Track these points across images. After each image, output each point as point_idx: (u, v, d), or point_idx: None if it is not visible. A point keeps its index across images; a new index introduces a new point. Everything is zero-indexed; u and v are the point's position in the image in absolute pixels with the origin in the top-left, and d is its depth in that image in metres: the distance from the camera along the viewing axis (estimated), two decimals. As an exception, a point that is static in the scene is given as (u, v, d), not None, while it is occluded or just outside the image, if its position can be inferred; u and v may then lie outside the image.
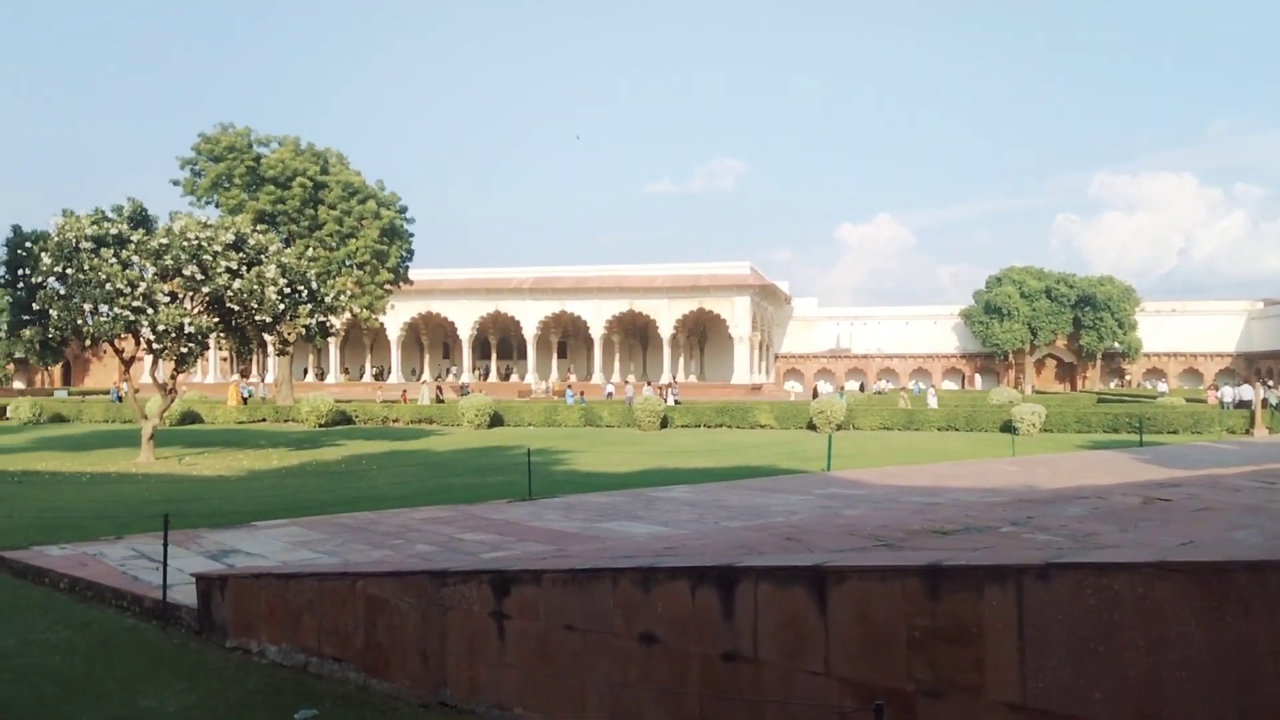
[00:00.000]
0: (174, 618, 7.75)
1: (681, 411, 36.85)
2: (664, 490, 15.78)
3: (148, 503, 14.59)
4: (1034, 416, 31.61)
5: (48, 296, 21.27)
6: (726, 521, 11.66)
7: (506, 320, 69.21)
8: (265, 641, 6.79)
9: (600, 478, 18.40)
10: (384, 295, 46.96)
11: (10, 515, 13.07)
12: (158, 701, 5.88)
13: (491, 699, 5.24)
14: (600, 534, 11.06)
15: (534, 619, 5.04)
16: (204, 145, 43.88)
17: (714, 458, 23.01)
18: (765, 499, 14.26)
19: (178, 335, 21.35)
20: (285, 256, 23.67)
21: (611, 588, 4.67)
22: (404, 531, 11.44)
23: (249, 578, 7.08)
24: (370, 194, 45.88)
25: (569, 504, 14.10)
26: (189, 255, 21.31)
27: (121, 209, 22.69)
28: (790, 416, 35.31)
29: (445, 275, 68.90)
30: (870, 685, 3.69)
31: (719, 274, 65.87)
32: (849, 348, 77.31)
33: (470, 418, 35.78)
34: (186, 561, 9.19)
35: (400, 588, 5.84)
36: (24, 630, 7.62)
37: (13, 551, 10.39)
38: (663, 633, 4.44)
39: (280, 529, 11.73)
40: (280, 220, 43.23)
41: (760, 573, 4.12)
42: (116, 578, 8.99)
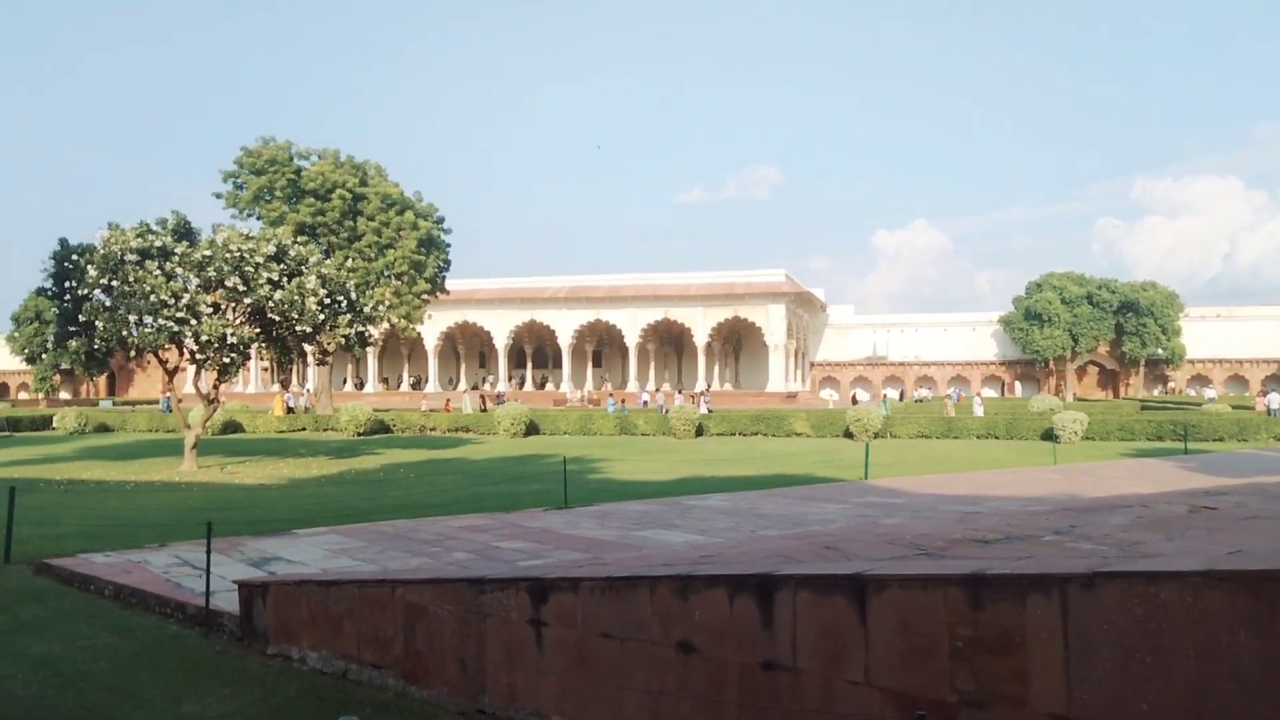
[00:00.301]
0: (216, 624, 7.85)
1: (716, 420, 36.75)
2: (700, 499, 15.75)
3: (191, 511, 14.81)
4: (1076, 424, 31.14)
5: (93, 308, 21.69)
6: (763, 530, 11.60)
7: (542, 329, 69.50)
8: (306, 648, 6.86)
9: (636, 486, 18.40)
10: (421, 305, 47.36)
11: (57, 523, 13.34)
12: (200, 707, 5.95)
13: (530, 706, 5.24)
14: (636, 542, 11.06)
15: (572, 627, 5.04)
16: (246, 158, 44.59)
17: (750, 466, 22.92)
18: (802, 507, 14.18)
19: (220, 346, 21.68)
20: (325, 268, 23.96)
21: (649, 596, 4.66)
22: (442, 539, 11.52)
23: (290, 585, 7.15)
24: (408, 205, 46.33)
25: (605, 512, 14.12)
26: (231, 267, 21.65)
27: (165, 222, 23.11)
28: (826, 424, 35.09)
29: (481, 285, 69.38)
30: (912, 695, 3.65)
31: (754, 281, 65.69)
32: (885, 355, 76.70)
33: (506, 426, 35.96)
34: (228, 569, 9.32)
35: (439, 595, 5.87)
36: (70, 636, 7.75)
37: (59, 559, 10.58)
38: (701, 641, 4.42)
39: (320, 536, 11.86)
40: (320, 232, 43.78)
41: (799, 581, 4.09)
42: (160, 585, 9.13)
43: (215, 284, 21.81)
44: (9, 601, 8.96)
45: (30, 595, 9.26)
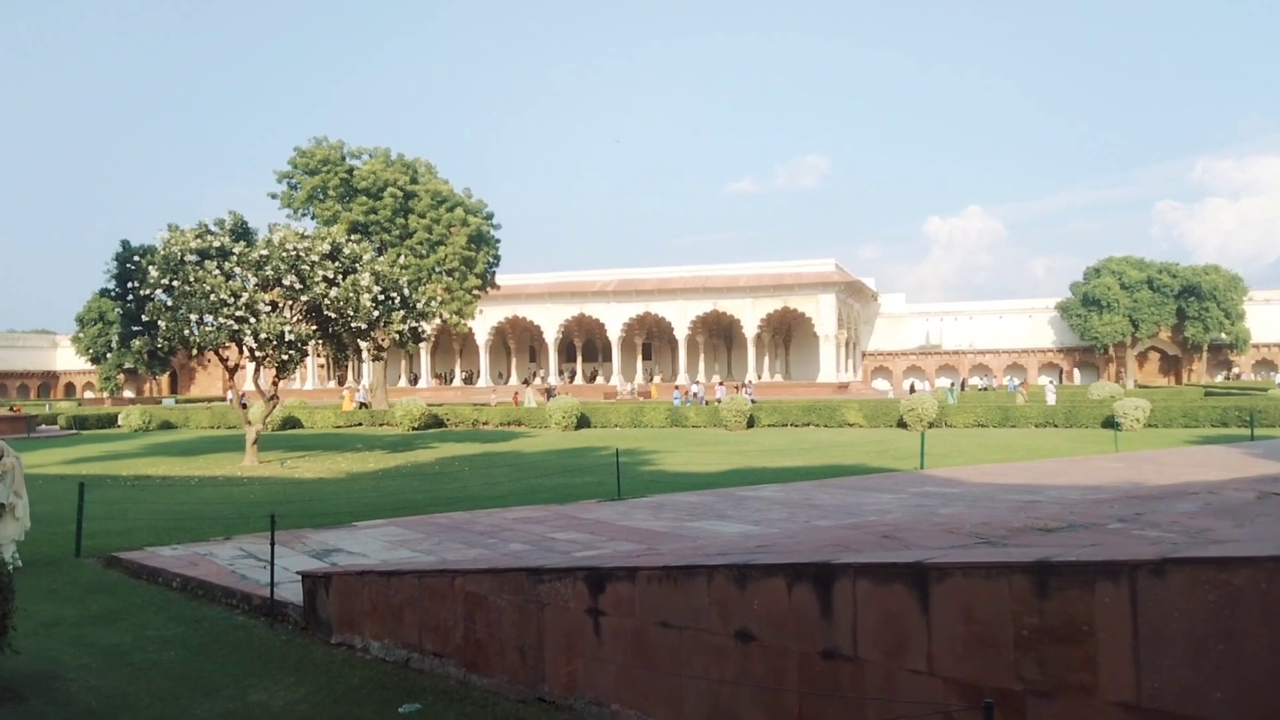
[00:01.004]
0: (281, 615, 8.03)
1: (768, 410, 36.59)
2: (752, 489, 15.70)
3: (253, 504, 15.14)
4: (1137, 411, 30.46)
5: (156, 308, 22.25)
6: (818, 520, 11.53)
7: (591, 323, 69.74)
8: (368, 637, 6.98)
9: (688, 477, 18.40)
10: (472, 300, 47.83)
11: (125, 518, 13.70)
12: (267, 695, 6.09)
13: (589, 695, 5.28)
14: (690, 533, 11.06)
15: (629, 616, 5.06)
16: (299, 159, 45.37)
17: (802, 457, 22.79)
18: (857, 498, 14.06)
19: (279, 343, 22.09)
20: (378, 265, 24.30)
21: (706, 585, 4.67)
22: (497, 531, 11.63)
23: (352, 575, 7.28)
24: (458, 202, 46.78)
25: (658, 504, 14.14)
26: (288, 265, 22.04)
27: (223, 222, 23.61)
28: (880, 414, 34.74)
29: (530, 280, 69.81)
30: (976, 685, 3.61)
31: (803, 272, 65.21)
32: (939, 344, 75.68)
33: (558, 419, 36.15)
34: (291, 560, 9.50)
35: (498, 585, 5.93)
36: (139, 627, 7.97)
37: (128, 552, 10.88)
38: (759, 630, 4.42)
39: (379, 529, 12.05)
40: (372, 230, 44.40)
41: (859, 570, 4.07)
42: (226, 576, 9.34)
43: (273, 283, 22.22)
44: (80, 594, 9.23)
45: (101, 588, 9.54)
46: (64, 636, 7.64)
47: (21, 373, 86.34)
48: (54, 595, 9.09)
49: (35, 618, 7.86)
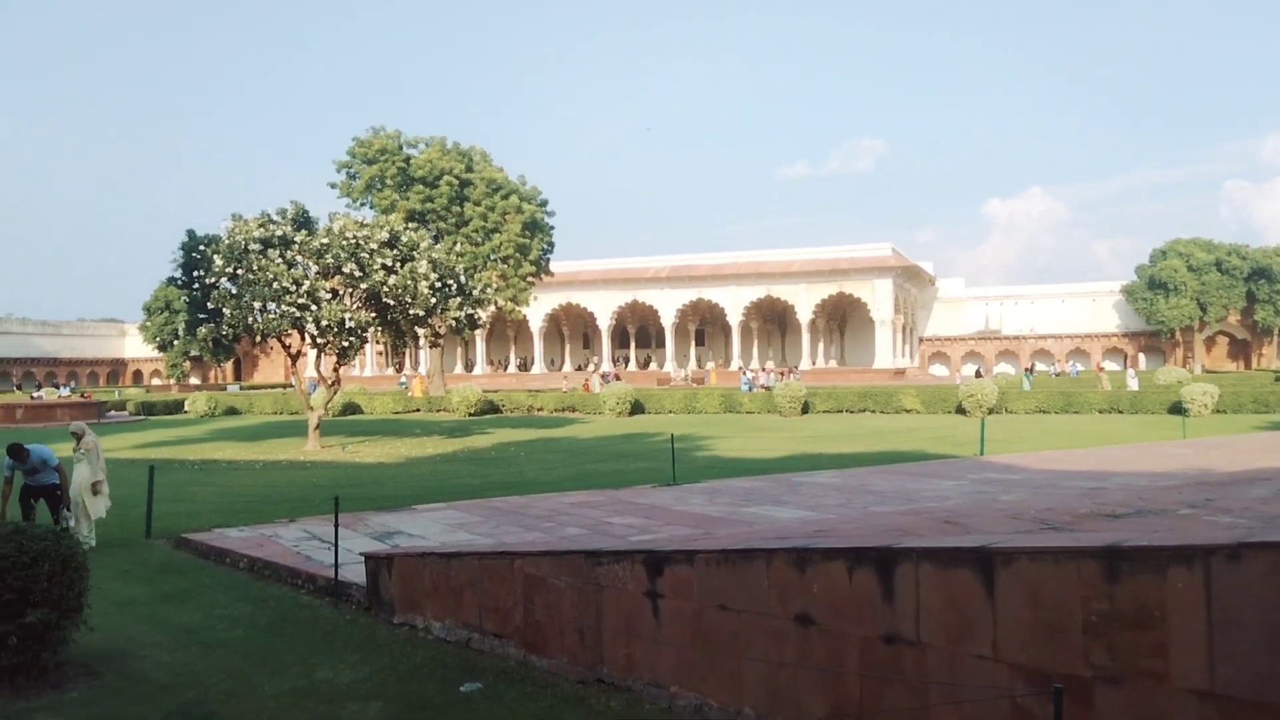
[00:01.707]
0: (345, 595, 8.19)
1: (823, 396, 36.30)
2: (808, 475, 15.61)
3: (316, 488, 15.45)
4: (1205, 397, 29.62)
5: (221, 296, 22.76)
6: (875, 506, 11.43)
7: (644, 309, 69.75)
8: (430, 618, 7.09)
9: (743, 463, 18.35)
10: (527, 287, 48.11)
11: (193, 500, 14.08)
12: (333, 673, 6.22)
13: (648, 677, 5.31)
14: (746, 518, 11.04)
15: (688, 598, 5.07)
16: (358, 149, 45.96)
17: (858, 443, 22.58)
18: (915, 484, 13.91)
19: (339, 330, 22.46)
20: (435, 252, 24.55)
21: (765, 568, 4.65)
22: (554, 515, 11.72)
23: (414, 557, 7.40)
24: (512, 189, 47.03)
25: (713, 489, 14.13)
26: (348, 254, 22.38)
27: (285, 212, 24.03)
28: (937, 400, 34.26)
29: (584, 267, 70.00)
30: (1043, 671, 3.56)
31: (858, 256, 64.45)
32: (999, 329, 74.32)
33: (612, 405, 36.27)
34: (354, 542, 9.68)
35: (556, 567, 5.98)
36: (209, 606, 8.18)
37: (196, 534, 11.18)
38: (819, 614, 4.40)
39: (438, 512, 12.22)
40: (429, 218, 44.85)
41: (921, 554, 4.02)
42: (291, 557, 9.55)
43: (333, 270, 22.58)
44: (151, 574, 9.51)
45: (171, 568, 9.81)
46: (136, 615, 7.88)
47: (91, 360, 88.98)
48: (126, 575, 9.37)
49: (109, 597, 8.13)
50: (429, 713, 5.41)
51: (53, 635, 5.95)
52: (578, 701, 5.39)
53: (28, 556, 5.80)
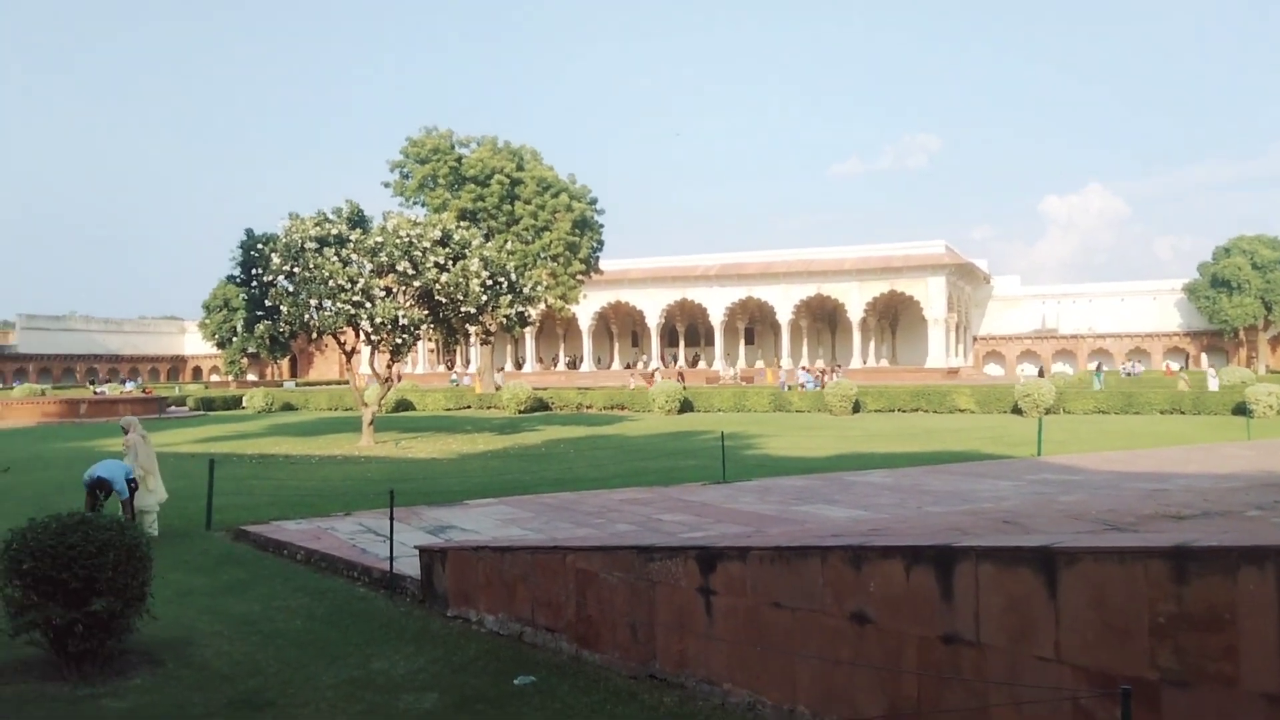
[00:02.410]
0: (399, 588, 8.29)
1: (874, 395, 35.94)
2: (860, 474, 15.46)
3: (370, 482, 15.66)
4: (1271, 398, 28.74)
5: (278, 294, 23.17)
6: (930, 506, 11.29)
7: (693, 307, 69.64)
8: (483, 611, 7.15)
9: (793, 462, 18.23)
10: (576, 285, 48.36)
11: (251, 493, 14.34)
12: (389, 664, 6.30)
13: (700, 673, 5.30)
14: (798, 517, 10.97)
15: (741, 595, 5.05)
16: (411, 148, 46.58)
17: (911, 442, 22.32)
18: (971, 484, 13.70)
19: (393, 327, 22.76)
20: (486, 250, 24.75)
21: (820, 566, 4.62)
22: (604, 511, 11.76)
23: (467, 551, 7.47)
24: (562, 188, 47.30)
25: (764, 487, 14.06)
26: (401, 252, 22.66)
27: (340, 211, 24.41)
28: (992, 400, 33.72)
29: (633, 265, 70.08)
30: (1107, 673, 3.48)
31: (911, 254, 63.67)
32: (1056, 328, 72.88)
33: (661, 404, 36.26)
34: (408, 536, 9.80)
35: (608, 562, 5.99)
36: (268, 597, 8.34)
37: (255, 526, 11.40)
38: (875, 613, 4.35)
39: (490, 507, 12.32)
40: (480, 216, 45.28)
41: (981, 553, 3.96)
42: (347, 550, 9.70)
43: (387, 269, 22.87)
44: (212, 565, 9.71)
45: (230, 559, 10.02)
46: (197, 605, 8.05)
47: (153, 357, 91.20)
48: (187, 566, 9.58)
49: (171, 587, 8.31)
50: (483, 705, 5.45)
51: (117, 623, 6.09)
52: (630, 697, 5.40)
53: (93, 546, 5.94)
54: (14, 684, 5.88)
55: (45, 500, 12.59)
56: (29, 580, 5.86)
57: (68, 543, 5.90)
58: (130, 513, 10.54)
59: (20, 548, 5.93)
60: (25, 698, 5.63)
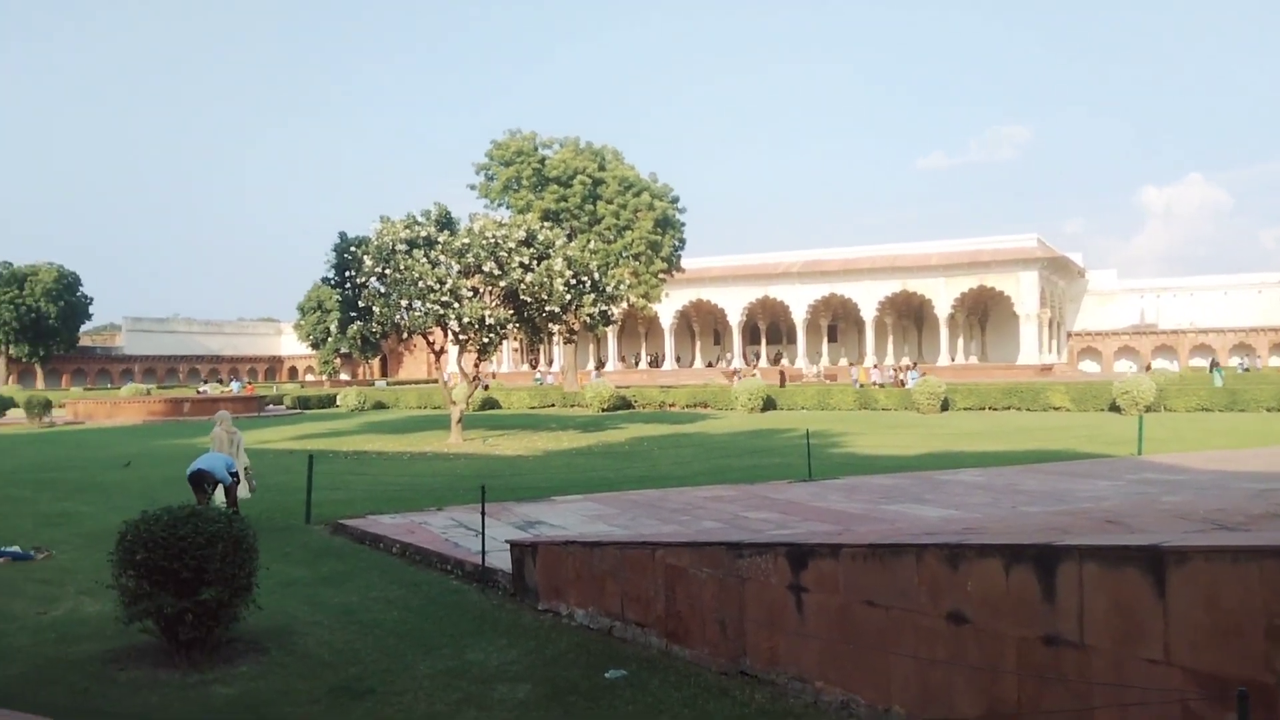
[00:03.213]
0: (491, 581, 8.45)
1: (963, 393, 35.16)
2: (950, 473, 15.15)
3: (460, 478, 15.97)
4: (1391, 395, 27.22)
5: (370, 295, 23.79)
6: (1025, 506, 11.01)
7: (775, 305, 69.10)
8: (573, 605, 7.24)
9: (881, 460, 17.96)
10: (658, 284, 48.45)
11: (348, 488, 14.76)
12: (483, 656, 6.43)
13: (791, 671, 5.27)
14: (886, 516, 10.81)
15: (833, 593, 5.01)
16: (496, 151, 47.29)
17: (1003, 441, 21.77)
18: (1067, 484, 13.31)
19: (480, 327, 23.15)
20: (570, 250, 24.98)
21: (915, 564, 4.55)
22: (690, 508, 11.77)
23: (557, 545, 7.57)
24: (644, 187, 47.44)
25: (851, 485, 13.89)
26: (487, 253, 23.03)
27: (429, 213, 24.93)
28: (1089, 398, 32.66)
29: (714, 263, 69.88)
30: (1219, 676, 3.35)
31: (1001, 248, 62.06)
32: (1155, 323, 70.19)
33: (743, 402, 36.10)
34: (498, 530, 9.96)
35: (698, 558, 6.01)
36: (364, 588, 8.58)
37: (352, 520, 11.72)
38: (973, 613, 4.27)
39: (576, 503, 12.45)
40: (563, 217, 45.71)
41: (1085, 553, 3.86)
42: (440, 544, 9.92)
43: (473, 269, 23.27)
44: (311, 557, 10.03)
45: (329, 552, 10.33)
46: (298, 595, 8.32)
47: (250, 357, 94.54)
48: (288, 558, 9.90)
49: (273, 578, 8.59)
50: (576, 697, 5.53)
51: (225, 612, 6.31)
52: (721, 693, 5.41)
53: (203, 537, 6.17)
54: (129, 670, 6.16)
55: (154, 494, 13.16)
56: (142, 570, 6.09)
57: (179, 534, 6.12)
58: (233, 501, 10.97)
59: (134, 539, 6.18)
60: (139, 683, 5.90)
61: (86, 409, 40.85)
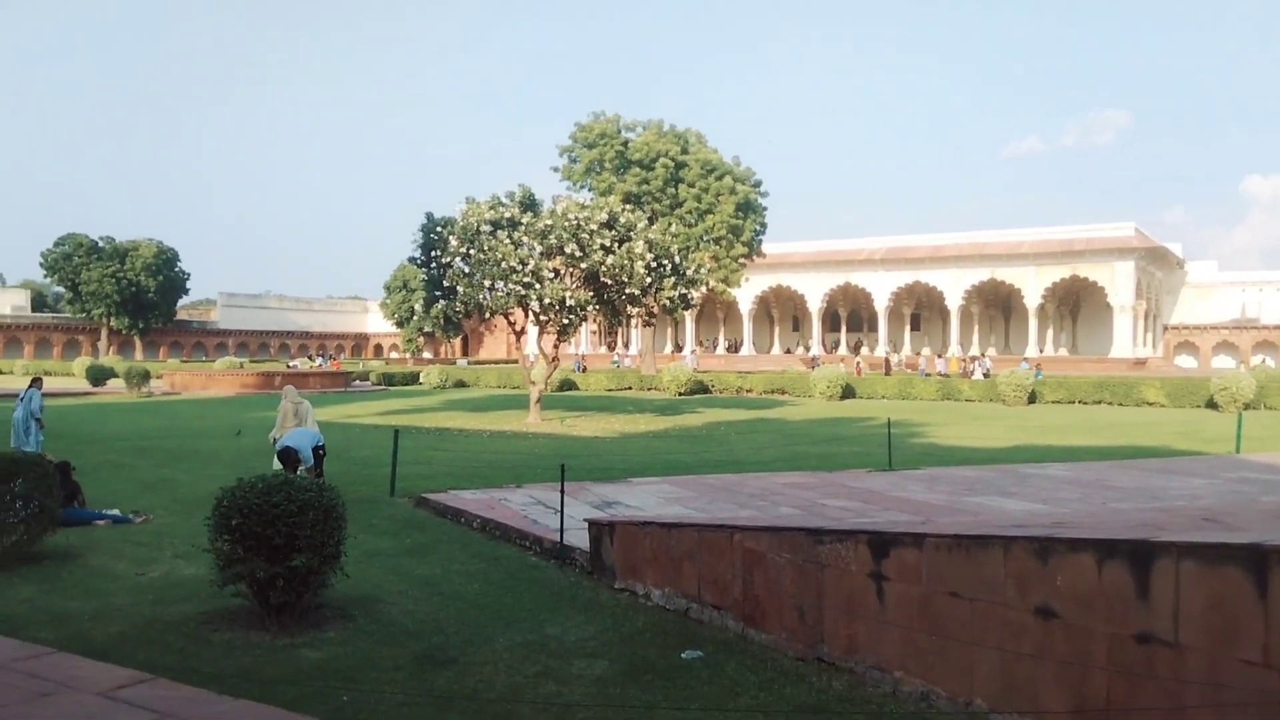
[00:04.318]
0: (568, 558, 8.56)
1: (1052, 386, 34.25)
2: (1037, 467, 14.79)
3: (538, 457, 16.19)
4: None
5: (454, 275, 24.21)
6: (1116, 502, 10.69)
7: (856, 292, 68.05)
8: (649, 585, 7.29)
9: (963, 452, 17.62)
10: (738, 269, 48.22)
11: (430, 463, 15.07)
12: (561, 631, 6.53)
13: (870, 660, 5.23)
14: (969, 508, 10.62)
15: (915, 583, 4.95)
16: (579, 133, 47.54)
17: (1093, 435, 21.15)
18: (1161, 480, 12.87)
19: (560, 308, 23.38)
20: (651, 233, 25.01)
21: (1003, 557, 4.46)
22: (767, 494, 11.72)
23: (635, 526, 7.62)
24: (726, 170, 47.18)
25: (932, 476, 13.66)
26: (569, 234, 23.21)
27: (513, 195, 25.23)
28: (1184, 393, 31.49)
29: (795, 248, 69.09)
30: (1326, 683, 3.22)
31: (1096, 237, 59.94)
32: (1257, 317, 67.10)
33: (822, 389, 35.76)
34: (576, 509, 10.06)
35: (776, 543, 5.98)
36: (447, 561, 8.77)
37: (434, 494, 11.98)
38: (1062, 608, 4.17)
39: (653, 485, 12.51)
40: (644, 199, 45.77)
41: (1183, 549, 3.73)
42: (519, 520, 10.08)
43: (555, 251, 23.49)
44: (397, 528, 10.28)
45: (412, 524, 10.57)
46: (383, 566, 8.54)
47: (338, 334, 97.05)
48: (373, 529, 10.16)
49: (359, 547, 8.83)
50: (652, 675, 5.57)
51: (314, 579, 6.49)
52: (799, 678, 5.39)
53: (295, 505, 6.35)
54: (222, 631, 6.40)
55: (246, 463, 13.63)
56: (237, 535, 6.30)
57: (272, 501, 6.32)
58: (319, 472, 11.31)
59: (229, 505, 6.40)
60: (233, 645, 6.13)
61: (183, 380, 42.52)
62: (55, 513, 8.59)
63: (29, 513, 8.09)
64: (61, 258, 72.37)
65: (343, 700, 5.04)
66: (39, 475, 8.30)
